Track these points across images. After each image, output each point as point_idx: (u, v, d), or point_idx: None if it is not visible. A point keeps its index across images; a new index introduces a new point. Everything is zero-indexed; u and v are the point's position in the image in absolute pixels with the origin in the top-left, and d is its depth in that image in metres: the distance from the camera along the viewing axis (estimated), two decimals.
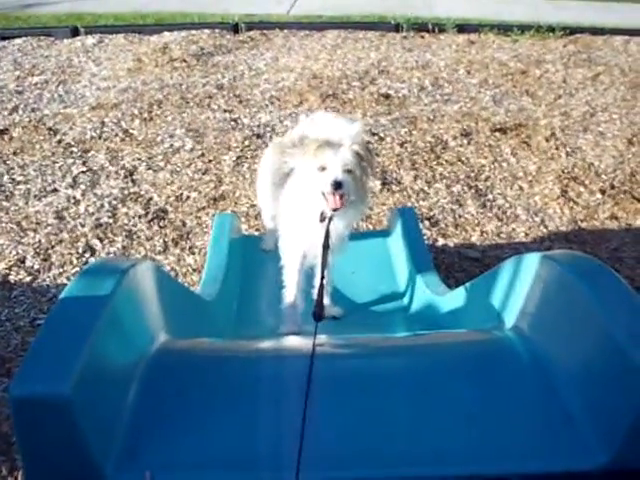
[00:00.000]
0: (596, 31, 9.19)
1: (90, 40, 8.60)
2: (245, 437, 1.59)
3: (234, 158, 5.49)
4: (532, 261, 1.97)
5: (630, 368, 1.46)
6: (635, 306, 1.66)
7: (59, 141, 5.77)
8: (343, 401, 1.69)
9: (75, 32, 8.88)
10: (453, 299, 2.75)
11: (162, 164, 5.40)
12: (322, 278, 2.49)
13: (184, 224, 4.62)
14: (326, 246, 2.64)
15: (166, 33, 8.79)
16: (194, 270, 4.18)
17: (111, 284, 1.69)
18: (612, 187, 5.17)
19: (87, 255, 4.24)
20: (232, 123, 6.16)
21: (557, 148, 5.78)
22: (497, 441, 1.60)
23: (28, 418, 1.41)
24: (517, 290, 2.04)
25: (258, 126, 6.10)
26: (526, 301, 1.96)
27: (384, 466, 1.54)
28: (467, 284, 2.65)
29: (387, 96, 6.85)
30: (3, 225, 4.52)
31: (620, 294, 1.72)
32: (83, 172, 5.25)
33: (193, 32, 8.82)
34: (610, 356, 1.55)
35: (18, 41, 8.59)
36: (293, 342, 2.18)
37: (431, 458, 1.50)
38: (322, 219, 2.69)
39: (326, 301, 2.82)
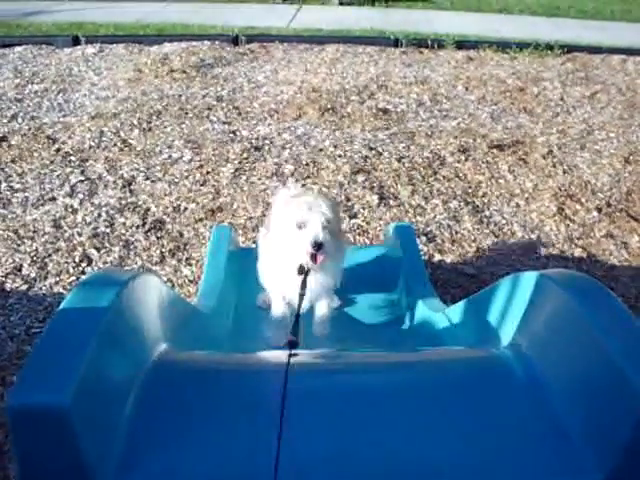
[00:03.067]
0: (594, 50, 9.28)
1: (90, 49, 8.64)
2: (243, 450, 1.59)
3: (232, 170, 5.50)
4: (529, 279, 1.98)
5: (625, 387, 1.47)
6: (630, 325, 1.67)
7: (58, 150, 5.78)
8: (335, 418, 1.69)
9: (76, 41, 8.92)
10: (449, 315, 2.76)
11: (160, 175, 5.41)
12: (297, 320, 2.45)
13: (181, 235, 4.62)
14: (302, 294, 2.67)
15: (166, 44, 8.84)
16: (190, 281, 4.18)
17: (110, 295, 1.69)
18: (608, 205, 5.20)
19: (84, 264, 4.24)
20: (231, 135, 6.18)
21: (554, 165, 5.81)
22: (492, 458, 1.60)
23: (26, 428, 1.40)
24: (514, 308, 2.05)
25: (257, 138, 6.12)
26: (523, 319, 1.97)
27: None
28: (464, 300, 2.66)
29: (385, 111, 6.88)
30: (0, 233, 4.52)
31: (616, 314, 1.73)
32: (81, 181, 5.25)
33: (193, 43, 8.87)
34: (605, 375, 1.56)
35: (19, 49, 8.63)
36: (284, 356, 2.18)
37: (425, 475, 1.50)
38: (300, 272, 2.71)
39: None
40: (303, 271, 2.70)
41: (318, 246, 2.57)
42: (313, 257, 2.62)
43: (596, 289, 1.84)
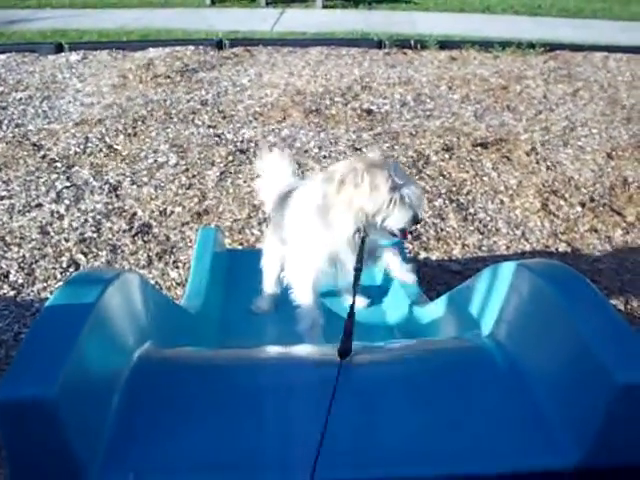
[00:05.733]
0: (576, 47, 9.36)
1: (74, 56, 8.65)
2: (227, 440, 1.62)
3: (218, 173, 5.52)
4: (507, 270, 2.02)
5: (599, 373, 1.50)
6: (605, 312, 1.71)
7: (43, 156, 5.78)
8: (321, 407, 1.72)
9: (59, 48, 8.93)
10: (433, 309, 2.79)
11: (146, 179, 5.43)
12: (353, 305, 2.23)
13: (168, 238, 4.64)
14: (359, 269, 2.43)
15: (150, 49, 8.86)
16: (178, 284, 4.20)
17: (96, 292, 1.72)
18: (592, 200, 5.24)
19: (71, 269, 4.25)
20: (216, 138, 6.20)
21: (537, 162, 5.86)
22: (473, 442, 1.63)
23: (13, 421, 1.43)
24: (493, 298, 2.08)
25: (242, 141, 6.14)
26: (502, 309, 2.01)
27: (358, 468, 1.57)
28: (446, 294, 2.69)
29: (369, 112, 6.91)
30: None
31: (592, 301, 1.77)
32: (67, 187, 5.27)
33: (177, 48, 8.89)
34: (581, 360, 1.60)
35: (2, 57, 8.63)
36: (275, 350, 2.20)
37: (408, 459, 1.53)
38: (356, 235, 2.48)
39: None
40: (360, 238, 2.46)
41: (416, 222, 2.44)
42: (403, 232, 2.46)
43: (572, 277, 1.88)
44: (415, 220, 2.42)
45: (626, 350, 1.56)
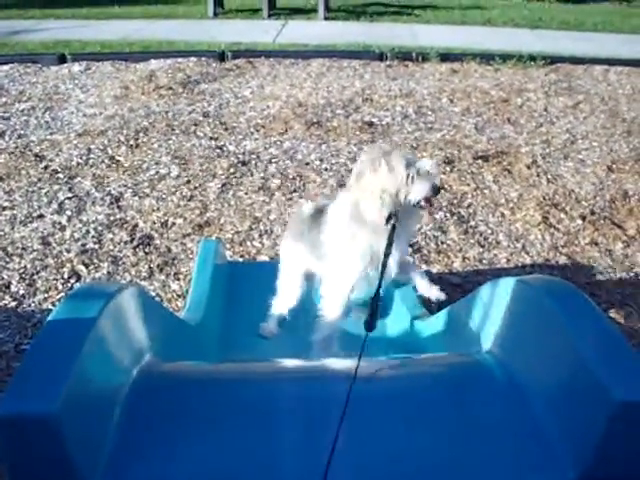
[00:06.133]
0: (576, 60, 9.40)
1: (77, 67, 8.69)
2: (228, 456, 1.63)
3: (219, 185, 5.54)
4: (507, 285, 2.02)
5: (598, 390, 1.51)
6: (604, 327, 1.72)
7: (45, 167, 5.80)
8: (318, 424, 1.73)
9: (62, 59, 8.97)
10: (433, 323, 2.80)
11: (148, 191, 5.44)
12: (380, 284, 2.38)
13: (169, 250, 4.65)
14: (388, 254, 2.52)
15: (152, 61, 8.89)
16: (179, 296, 4.20)
17: (98, 307, 1.73)
18: (592, 213, 5.25)
19: (72, 280, 4.26)
20: (217, 150, 6.22)
21: (538, 175, 5.88)
22: (474, 457, 1.64)
23: (15, 436, 1.43)
24: (493, 314, 2.09)
25: (243, 153, 6.16)
26: (502, 324, 2.01)
27: None
28: (446, 309, 2.70)
29: (371, 124, 6.94)
30: None
31: (591, 318, 1.77)
32: (69, 198, 5.28)
33: (179, 60, 8.92)
34: (580, 376, 1.60)
35: (5, 67, 8.67)
36: (278, 364, 2.21)
37: (406, 475, 1.54)
38: (388, 222, 2.56)
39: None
40: (391, 220, 2.55)
41: (437, 190, 2.54)
42: (428, 200, 2.55)
43: (572, 294, 1.88)
44: (435, 189, 2.54)
45: (624, 367, 1.57)
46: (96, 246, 4.65)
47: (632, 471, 1.55)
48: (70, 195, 5.34)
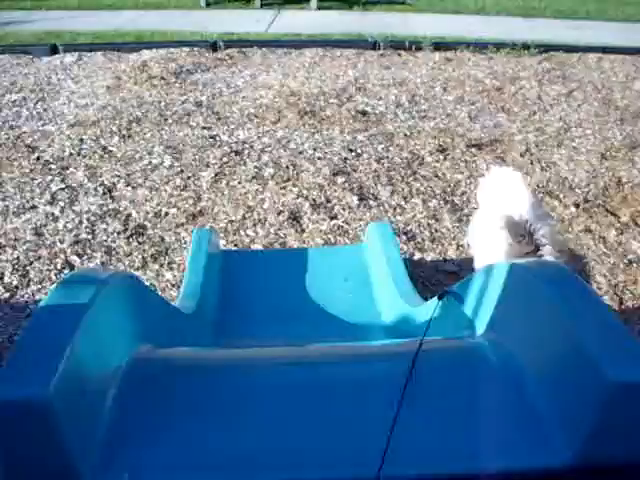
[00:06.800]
0: (570, 49, 9.36)
1: (69, 58, 8.63)
2: (223, 440, 1.62)
3: (212, 175, 5.52)
4: (502, 269, 2.02)
5: (593, 372, 1.51)
6: (599, 309, 1.72)
7: (38, 158, 5.78)
8: (315, 407, 1.72)
9: (54, 50, 8.90)
10: (426, 309, 2.79)
11: (141, 181, 5.43)
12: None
13: (163, 240, 4.63)
14: None
15: (145, 51, 8.84)
16: (173, 285, 4.19)
17: (90, 292, 1.72)
18: (586, 201, 5.26)
19: (66, 271, 4.24)
20: (210, 140, 6.20)
21: (532, 163, 5.87)
22: (470, 440, 1.64)
23: (6, 422, 1.42)
24: (488, 298, 2.09)
25: (236, 143, 6.14)
26: (496, 307, 2.01)
27: (352, 467, 1.58)
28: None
29: (364, 113, 6.92)
30: None
31: (586, 300, 1.77)
32: (62, 189, 5.26)
33: (172, 50, 8.87)
34: (575, 358, 1.60)
35: None
36: (266, 351, 2.20)
37: (400, 459, 1.53)
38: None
39: None
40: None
41: None
42: None
43: (566, 276, 1.88)
44: None
45: (619, 348, 1.56)
46: (89, 236, 4.63)
47: (628, 451, 1.55)
48: (63, 186, 5.32)
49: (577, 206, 5.17)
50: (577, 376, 1.58)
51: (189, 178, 5.47)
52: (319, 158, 5.83)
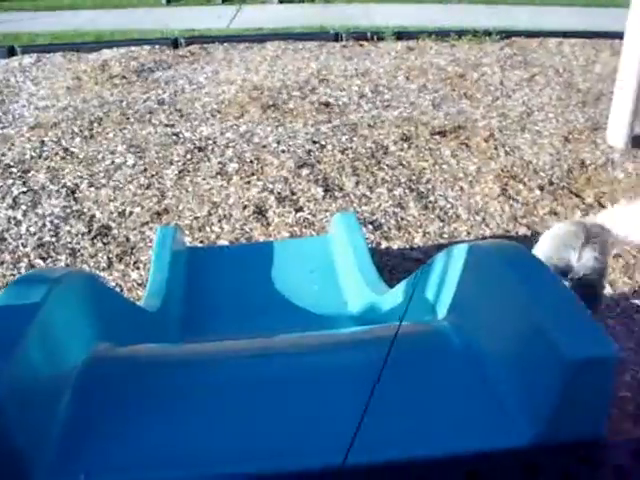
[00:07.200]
0: (531, 34, 9.41)
1: (27, 59, 8.51)
2: (180, 437, 1.60)
3: (176, 172, 5.48)
4: (461, 251, 2.02)
5: (553, 353, 1.50)
6: (558, 291, 1.72)
7: None
8: (280, 397, 1.71)
9: (12, 52, 8.77)
10: (392, 297, 2.79)
11: (104, 181, 5.37)
12: None
13: (128, 239, 4.59)
14: None
15: (105, 50, 8.74)
16: (139, 284, 4.16)
17: (42, 292, 1.69)
18: (550, 183, 5.29)
19: None
20: (174, 137, 6.15)
21: (496, 148, 5.90)
22: (430, 424, 1.63)
23: None
24: (448, 281, 2.08)
25: (200, 139, 6.10)
26: (456, 290, 2.01)
27: (310, 456, 1.56)
28: (404, 281, 2.69)
29: (327, 104, 6.90)
30: None
31: (544, 280, 1.77)
32: (23, 192, 5.19)
33: (133, 48, 8.78)
34: (535, 339, 1.60)
35: None
36: (228, 345, 2.18)
37: (361, 445, 1.52)
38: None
39: None
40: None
41: None
42: None
43: (525, 256, 1.88)
44: None
45: (576, 326, 1.56)
46: (53, 239, 4.58)
47: (589, 426, 1.55)
48: (24, 189, 5.25)
49: (542, 189, 5.20)
50: (536, 355, 1.58)
51: (153, 176, 5.43)
52: (283, 151, 5.80)
